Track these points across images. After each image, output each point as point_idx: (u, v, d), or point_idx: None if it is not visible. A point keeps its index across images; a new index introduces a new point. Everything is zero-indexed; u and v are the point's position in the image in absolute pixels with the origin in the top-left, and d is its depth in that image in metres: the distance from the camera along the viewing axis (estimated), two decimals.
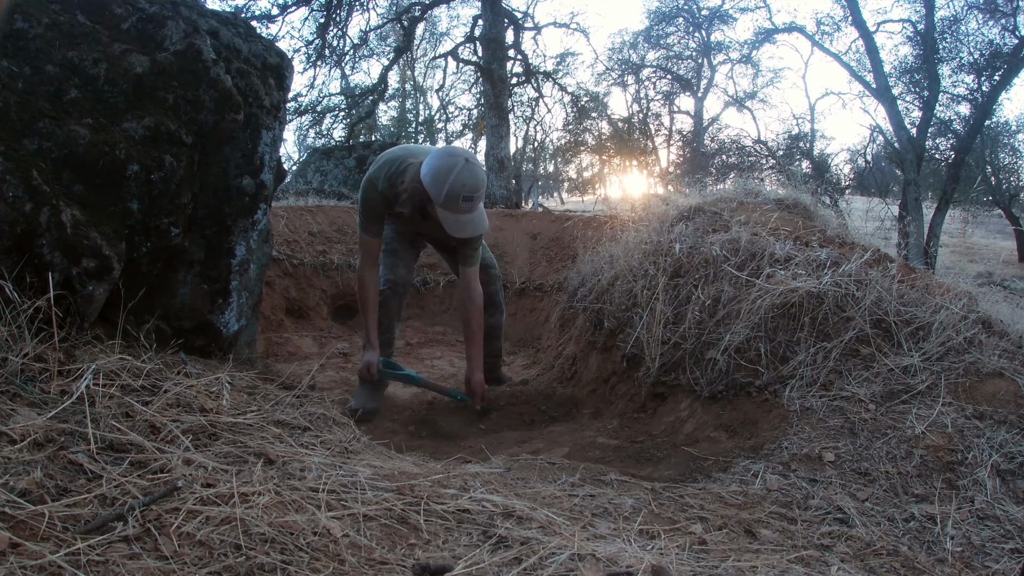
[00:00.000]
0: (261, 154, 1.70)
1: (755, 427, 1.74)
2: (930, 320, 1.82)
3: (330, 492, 0.97)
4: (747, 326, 1.96)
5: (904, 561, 1.11)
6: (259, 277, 1.84)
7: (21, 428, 0.89)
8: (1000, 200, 12.08)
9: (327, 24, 9.73)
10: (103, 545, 0.72)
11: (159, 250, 1.47)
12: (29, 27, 1.32)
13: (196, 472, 0.93)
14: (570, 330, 3.29)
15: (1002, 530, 1.23)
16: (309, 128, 12.09)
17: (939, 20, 9.68)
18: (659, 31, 17.76)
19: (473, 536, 0.93)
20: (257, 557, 0.75)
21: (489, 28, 9.87)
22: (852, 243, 2.36)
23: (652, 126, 19.42)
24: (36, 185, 1.18)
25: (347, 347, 3.77)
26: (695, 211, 2.85)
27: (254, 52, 1.75)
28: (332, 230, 4.55)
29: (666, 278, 2.33)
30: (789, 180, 5.70)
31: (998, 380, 1.62)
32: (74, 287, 1.22)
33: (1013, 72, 8.92)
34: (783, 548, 1.08)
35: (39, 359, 1.08)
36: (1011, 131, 12.34)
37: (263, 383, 1.54)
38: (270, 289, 3.77)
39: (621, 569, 0.83)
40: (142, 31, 1.51)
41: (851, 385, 1.71)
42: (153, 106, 1.44)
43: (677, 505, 1.27)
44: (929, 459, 1.41)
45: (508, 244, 5.09)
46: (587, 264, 3.22)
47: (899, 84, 10.14)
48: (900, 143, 9.41)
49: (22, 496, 0.76)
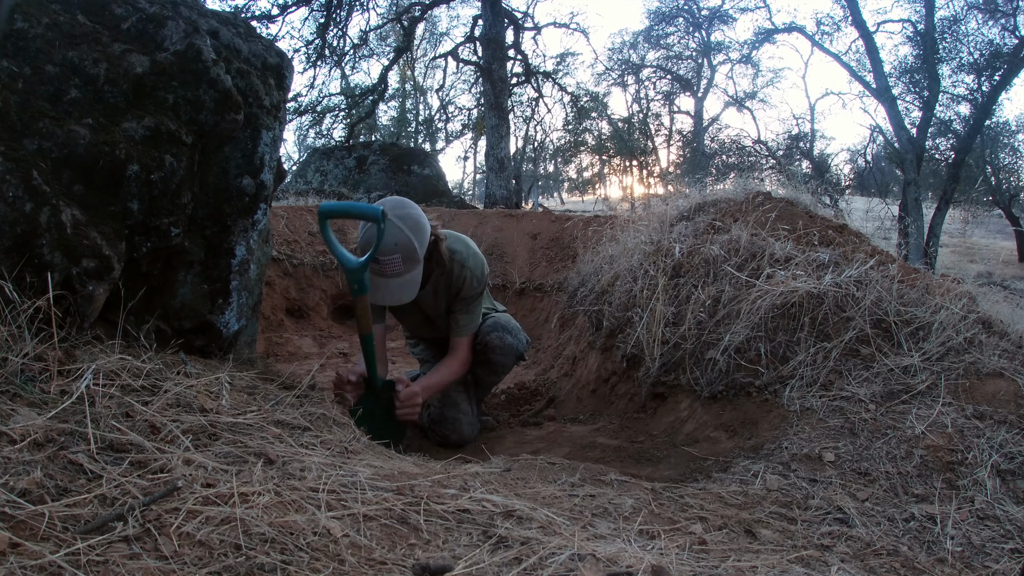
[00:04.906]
0: (261, 154, 1.70)
1: (755, 427, 1.74)
2: (930, 320, 1.82)
3: (330, 492, 0.97)
4: (747, 326, 1.96)
5: (904, 561, 1.11)
6: (259, 277, 1.84)
7: (21, 428, 0.89)
8: (1000, 200, 12.08)
9: (327, 24, 9.74)
10: (103, 545, 0.72)
11: (159, 250, 1.47)
12: (29, 27, 1.32)
13: (196, 472, 0.93)
14: (570, 330, 3.29)
15: (1002, 530, 1.23)
16: (309, 128, 12.12)
17: (939, 20, 9.69)
18: (659, 31, 17.79)
19: (473, 536, 0.93)
20: (257, 557, 0.75)
21: (489, 28, 9.87)
22: (853, 243, 2.36)
23: (652, 126, 19.44)
24: (36, 185, 1.18)
25: (347, 347, 3.77)
26: (695, 211, 2.85)
27: (254, 52, 1.75)
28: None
29: (666, 278, 2.33)
30: (789, 180, 5.70)
31: (998, 380, 1.62)
32: (74, 287, 1.22)
33: (1013, 72, 8.93)
34: (783, 548, 1.08)
35: (39, 359, 1.08)
36: (1011, 131, 12.35)
37: (263, 383, 1.54)
38: (270, 289, 3.78)
39: (621, 569, 0.83)
40: (142, 31, 1.51)
41: (851, 385, 1.71)
42: (153, 106, 1.44)
43: (677, 505, 1.27)
44: (929, 459, 1.41)
45: (508, 244, 5.09)
46: (587, 264, 3.23)
47: (899, 84, 10.16)
48: (900, 143, 9.42)
49: (22, 496, 0.76)
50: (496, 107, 9.87)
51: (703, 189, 4.69)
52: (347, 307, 4.30)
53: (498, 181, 9.82)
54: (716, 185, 12.39)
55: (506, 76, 10.40)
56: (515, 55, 10.94)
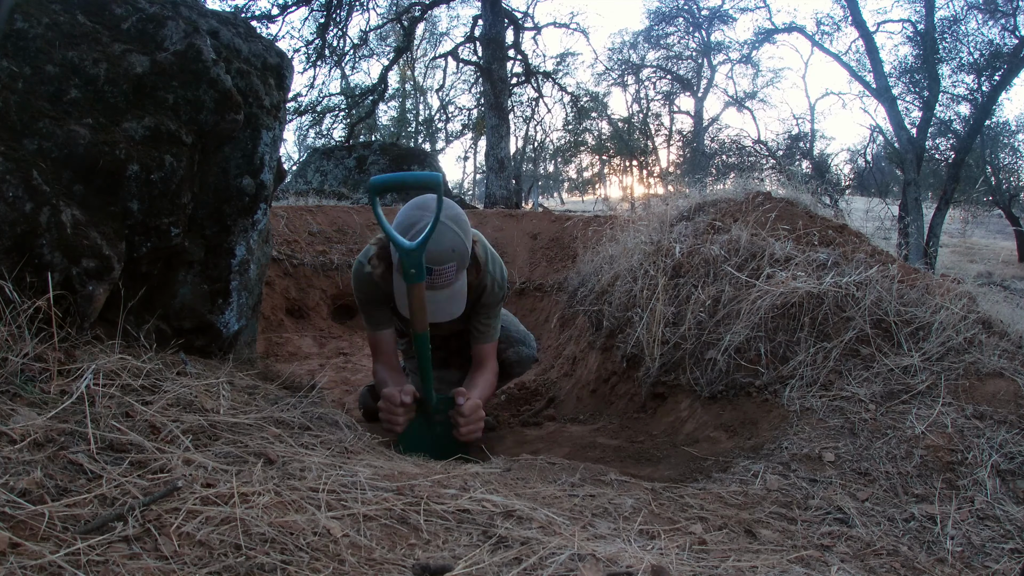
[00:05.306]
0: (261, 154, 1.70)
1: (755, 427, 1.74)
2: (930, 320, 1.82)
3: (330, 492, 0.97)
4: (747, 326, 1.96)
5: (904, 561, 1.11)
6: (259, 277, 1.84)
7: (21, 428, 0.89)
8: (1000, 200, 12.08)
9: (327, 24, 9.75)
10: (103, 545, 0.72)
11: (159, 250, 1.47)
12: (29, 27, 1.32)
13: (196, 472, 0.93)
14: (570, 330, 3.29)
15: (1002, 530, 1.23)
16: (309, 128, 12.12)
17: (939, 20, 9.70)
18: (659, 31, 17.80)
19: (473, 536, 0.93)
20: (257, 557, 0.75)
21: (489, 28, 9.88)
22: (853, 243, 2.36)
23: (652, 126, 19.44)
24: (36, 185, 1.18)
25: (347, 347, 3.77)
26: (695, 211, 2.85)
27: (254, 52, 1.76)
28: (332, 230, 4.56)
29: (666, 278, 2.33)
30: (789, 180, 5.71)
31: (998, 380, 1.62)
32: (74, 287, 1.22)
33: (1013, 72, 8.93)
34: (783, 548, 1.08)
35: (39, 359, 1.08)
36: (1011, 131, 12.37)
37: (263, 383, 1.54)
38: (270, 289, 3.78)
39: (621, 569, 0.83)
40: (142, 31, 1.51)
41: (851, 385, 1.71)
42: (153, 106, 1.44)
43: (677, 505, 1.27)
44: (929, 459, 1.41)
45: (508, 244, 5.10)
46: (587, 264, 3.23)
47: (899, 84, 10.17)
48: (900, 143, 9.42)
49: (22, 496, 0.76)
50: (496, 107, 9.87)
51: (703, 189, 4.69)
52: (347, 307, 4.30)
53: (498, 181, 9.82)
54: (716, 185, 12.40)
55: (506, 76, 10.41)
56: (515, 55, 10.95)
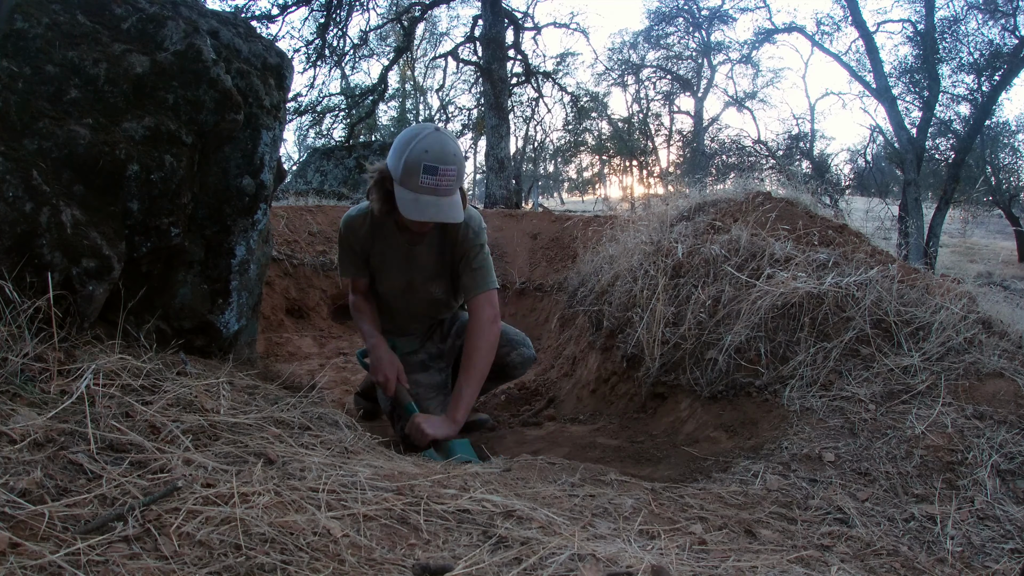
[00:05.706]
0: (261, 154, 1.70)
1: (755, 427, 1.74)
2: (930, 320, 1.82)
3: (330, 492, 0.97)
4: (747, 326, 1.96)
5: (904, 561, 1.11)
6: (259, 277, 1.84)
7: (21, 428, 0.89)
8: (1000, 200, 12.09)
9: (327, 24, 9.75)
10: (103, 545, 0.72)
11: (159, 250, 1.47)
12: (29, 27, 1.32)
13: (196, 472, 0.93)
14: (570, 330, 3.29)
15: (1002, 530, 1.23)
16: (309, 128, 12.11)
17: (939, 20, 9.70)
18: (659, 31, 17.80)
19: (473, 536, 0.93)
20: (257, 557, 0.75)
21: (489, 28, 9.87)
22: (853, 243, 2.36)
23: (652, 126, 19.44)
24: (36, 185, 1.18)
25: (347, 347, 3.77)
26: (695, 211, 2.85)
27: (254, 52, 1.75)
28: (332, 230, 4.55)
29: (666, 278, 2.33)
30: (789, 180, 5.71)
31: (998, 380, 1.62)
32: (74, 287, 1.22)
33: (1013, 72, 8.94)
34: (783, 548, 1.08)
35: (39, 359, 1.08)
36: (1011, 131, 12.37)
37: (263, 383, 1.54)
38: (270, 289, 3.78)
39: (621, 569, 0.83)
40: (142, 31, 1.51)
41: (851, 385, 1.71)
42: (153, 106, 1.44)
43: (677, 505, 1.27)
44: (929, 459, 1.41)
45: (508, 244, 5.10)
46: (587, 264, 3.23)
47: (899, 84, 10.17)
48: (900, 143, 9.42)
49: (22, 496, 0.76)
50: (496, 107, 9.87)
51: (703, 189, 4.69)
52: (347, 307, 4.30)
53: (498, 181, 9.82)
54: (716, 185, 12.40)
55: (506, 76, 10.40)
56: (515, 55, 10.95)
